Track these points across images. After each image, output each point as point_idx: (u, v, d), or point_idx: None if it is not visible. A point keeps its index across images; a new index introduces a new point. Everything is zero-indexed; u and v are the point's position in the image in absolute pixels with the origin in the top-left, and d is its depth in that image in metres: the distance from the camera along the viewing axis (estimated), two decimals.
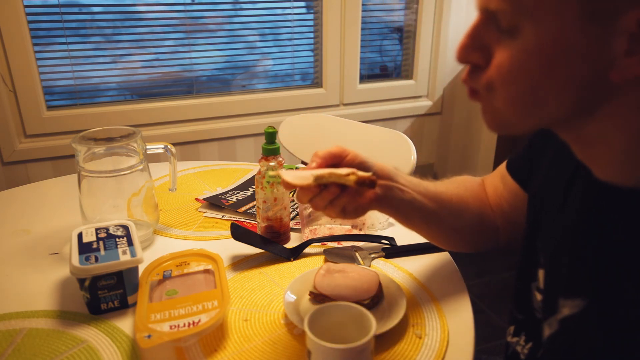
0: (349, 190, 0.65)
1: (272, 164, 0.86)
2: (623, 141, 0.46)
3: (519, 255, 0.69)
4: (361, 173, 0.64)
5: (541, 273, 0.61)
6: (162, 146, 0.97)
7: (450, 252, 0.88)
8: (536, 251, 0.63)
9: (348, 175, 0.64)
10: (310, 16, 2.14)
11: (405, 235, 0.92)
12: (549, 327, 0.57)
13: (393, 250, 0.88)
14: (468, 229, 0.77)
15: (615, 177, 0.49)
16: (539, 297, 0.62)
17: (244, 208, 1.05)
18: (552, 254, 0.59)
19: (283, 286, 0.79)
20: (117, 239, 0.77)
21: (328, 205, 0.65)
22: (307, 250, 0.90)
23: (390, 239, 0.91)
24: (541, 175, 0.66)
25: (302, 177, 0.64)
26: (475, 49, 0.48)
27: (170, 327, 0.64)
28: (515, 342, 0.66)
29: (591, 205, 0.52)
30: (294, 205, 1.02)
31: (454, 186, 0.78)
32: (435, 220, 0.73)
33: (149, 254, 0.88)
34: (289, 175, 0.64)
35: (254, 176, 1.14)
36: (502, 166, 0.79)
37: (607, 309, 0.49)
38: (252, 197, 1.10)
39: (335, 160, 0.67)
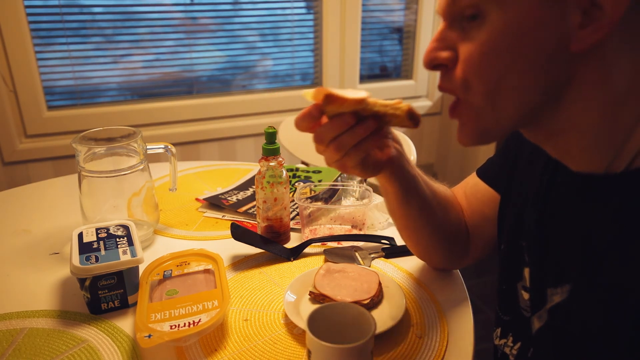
0: (379, 135, 0.62)
1: (272, 164, 0.87)
2: (591, 124, 0.48)
3: (500, 258, 0.69)
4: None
5: (526, 271, 0.62)
6: (163, 146, 0.97)
7: None
8: (521, 250, 0.64)
9: (398, 103, 0.59)
10: (310, 16, 2.14)
11: None
12: (539, 320, 0.58)
13: (393, 250, 0.88)
14: (451, 229, 0.77)
15: (589, 165, 0.51)
16: (525, 296, 0.63)
17: (244, 208, 1.05)
18: (538, 248, 0.59)
19: (283, 286, 0.79)
20: (118, 239, 0.77)
21: (352, 150, 0.61)
22: (307, 250, 0.90)
23: (390, 239, 0.91)
24: (518, 179, 0.67)
25: (354, 93, 0.57)
26: (442, 50, 0.51)
27: (171, 326, 0.64)
28: (503, 344, 0.66)
29: (572, 197, 0.54)
30: (294, 205, 1.02)
31: (439, 184, 0.79)
32: (428, 208, 0.73)
33: (149, 254, 0.88)
34: (338, 90, 0.56)
35: (254, 176, 1.14)
36: (468, 179, 0.81)
37: (591, 292, 0.50)
38: (252, 197, 1.10)
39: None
